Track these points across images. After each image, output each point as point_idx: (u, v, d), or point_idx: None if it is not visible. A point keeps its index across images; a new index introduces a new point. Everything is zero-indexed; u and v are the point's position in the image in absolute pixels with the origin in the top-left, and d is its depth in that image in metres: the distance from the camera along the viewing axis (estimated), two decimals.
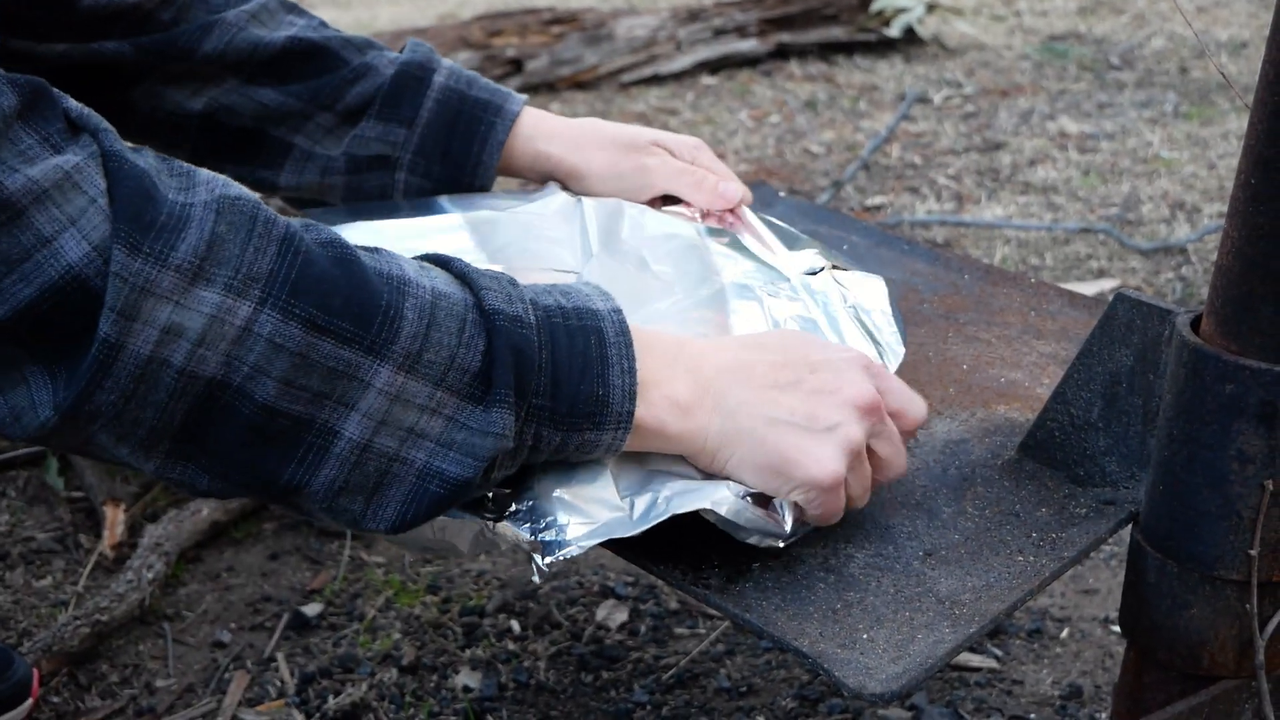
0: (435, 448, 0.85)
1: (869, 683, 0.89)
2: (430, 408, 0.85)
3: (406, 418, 0.84)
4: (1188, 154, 3.50)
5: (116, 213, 0.77)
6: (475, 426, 0.86)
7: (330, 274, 0.82)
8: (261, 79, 1.32)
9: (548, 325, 0.89)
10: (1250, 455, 0.94)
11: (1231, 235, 0.92)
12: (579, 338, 0.90)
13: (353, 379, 0.82)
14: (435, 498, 0.87)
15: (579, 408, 0.89)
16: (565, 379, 0.89)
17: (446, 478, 0.86)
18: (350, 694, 1.56)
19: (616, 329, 0.91)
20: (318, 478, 0.85)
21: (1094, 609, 1.71)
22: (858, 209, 3.18)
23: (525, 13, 4.59)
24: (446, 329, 0.85)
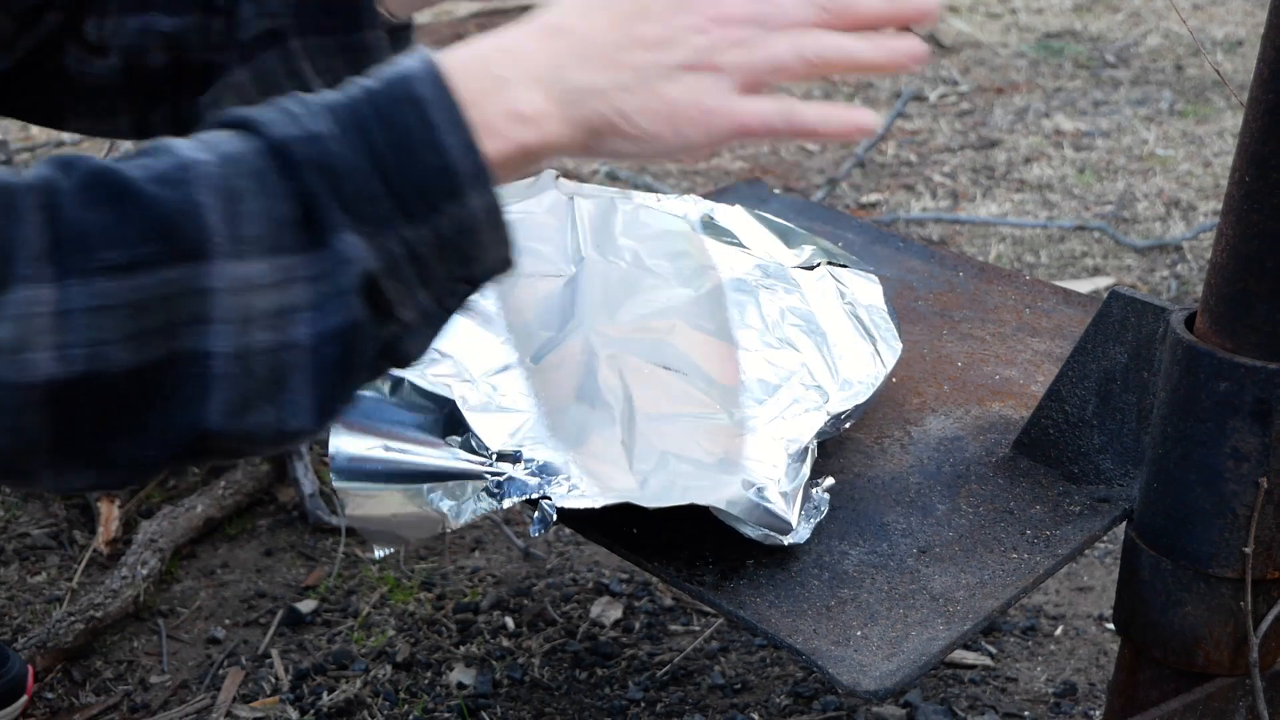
0: (312, 314, 0.77)
1: (863, 680, 0.89)
2: (282, 280, 0.76)
3: (266, 302, 0.76)
4: (1183, 152, 3.50)
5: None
6: (328, 269, 0.77)
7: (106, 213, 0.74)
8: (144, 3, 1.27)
9: (353, 123, 0.79)
10: (1245, 453, 0.94)
11: (1226, 233, 0.92)
12: (394, 116, 0.79)
13: (191, 293, 0.74)
14: (337, 363, 0.78)
15: (426, 187, 0.79)
16: (394, 168, 0.79)
17: (333, 333, 0.77)
18: (344, 690, 1.56)
19: (430, 82, 0.80)
20: (211, 408, 0.76)
21: (1088, 606, 1.71)
22: (853, 206, 3.18)
23: (521, 9, 4.59)
24: (250, 192, 0.76)
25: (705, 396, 1.04)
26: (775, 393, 1.06)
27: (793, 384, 1.07)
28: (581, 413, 1.02)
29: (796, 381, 1.07)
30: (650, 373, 1.04)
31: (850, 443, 1.13)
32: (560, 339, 1.05)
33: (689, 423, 1.02)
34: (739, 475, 0.99)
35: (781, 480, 1.00)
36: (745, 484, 0.98)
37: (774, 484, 0.99)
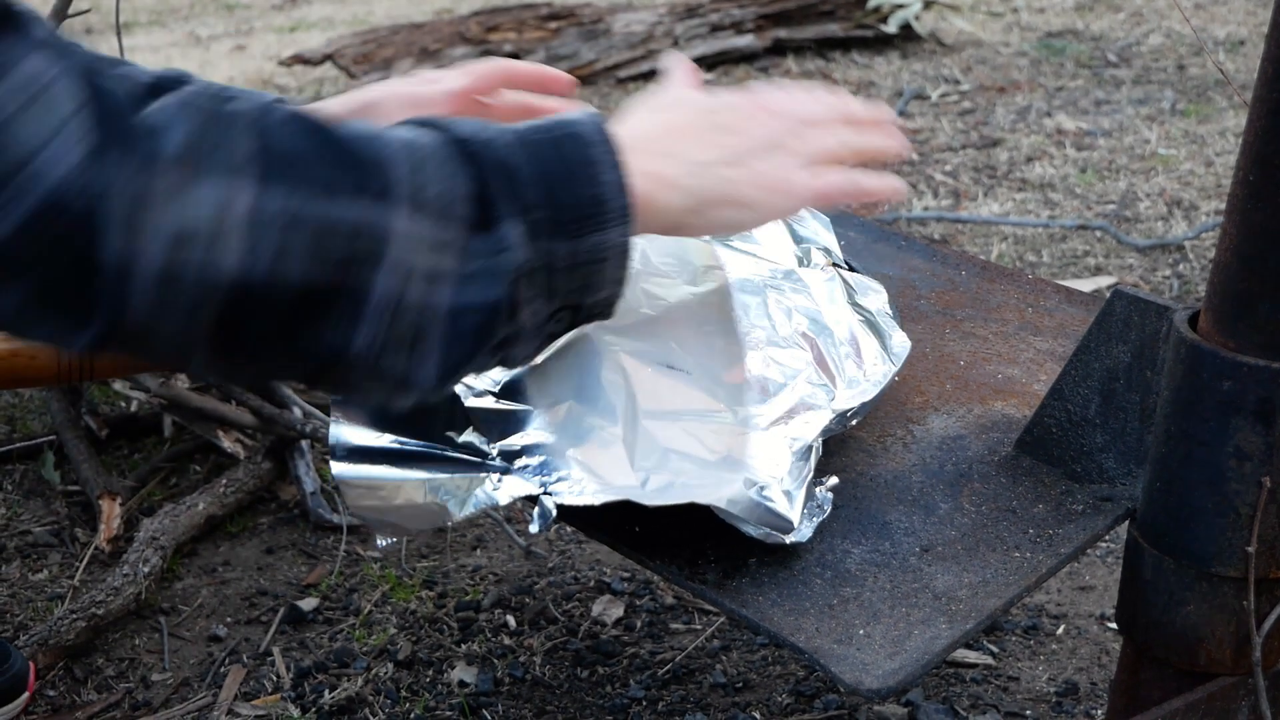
0: (457, 286, 0.83)
1: (865, 678, 0.89)
2: (444, 243, 0.83)
3: (427, 261, 0.82)
4: (1185, 151, 3.50)
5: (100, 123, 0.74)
6: (488, 251, 0.84)
7: (311, 143, 0.80)
8: None
9: (527, 139, 0.88)
10: (1248, 452, 0.94)
11: (1230, 232, 0.92)
12: (561, 146, 0.89)
13: (372, 233, 0.80)
14: (473, 332, 0.85)
15: (581, 210, 0.88)
16: (558, 185, 0.87)
17: (477, 306, 0.84)
18: (346, 688, 1.56)
19: (595, 130, 0.90)
20: (356, 339, 0.82)
21: (1090, 605, 1.71)
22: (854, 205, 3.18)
23: (522, 8, 4.58)
24: (431, 164, 0.83)
25: (709, 395, 1.04)
26: (781, 391, 1.06)
27: (799, 382, 1.07)
28: (583, 410, 1.02)
29: (803, 380, 1.07)
30: (653, 371, 1.04)
31: (852, 441, 1.13)
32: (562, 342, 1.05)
33: (692, 421, 1.02)
34: (741, 474, 0.98)
35: (785, 479, 1.00)
36: (747, 483, 0.98)
37: (776, 483, 0.99)
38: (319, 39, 5.02)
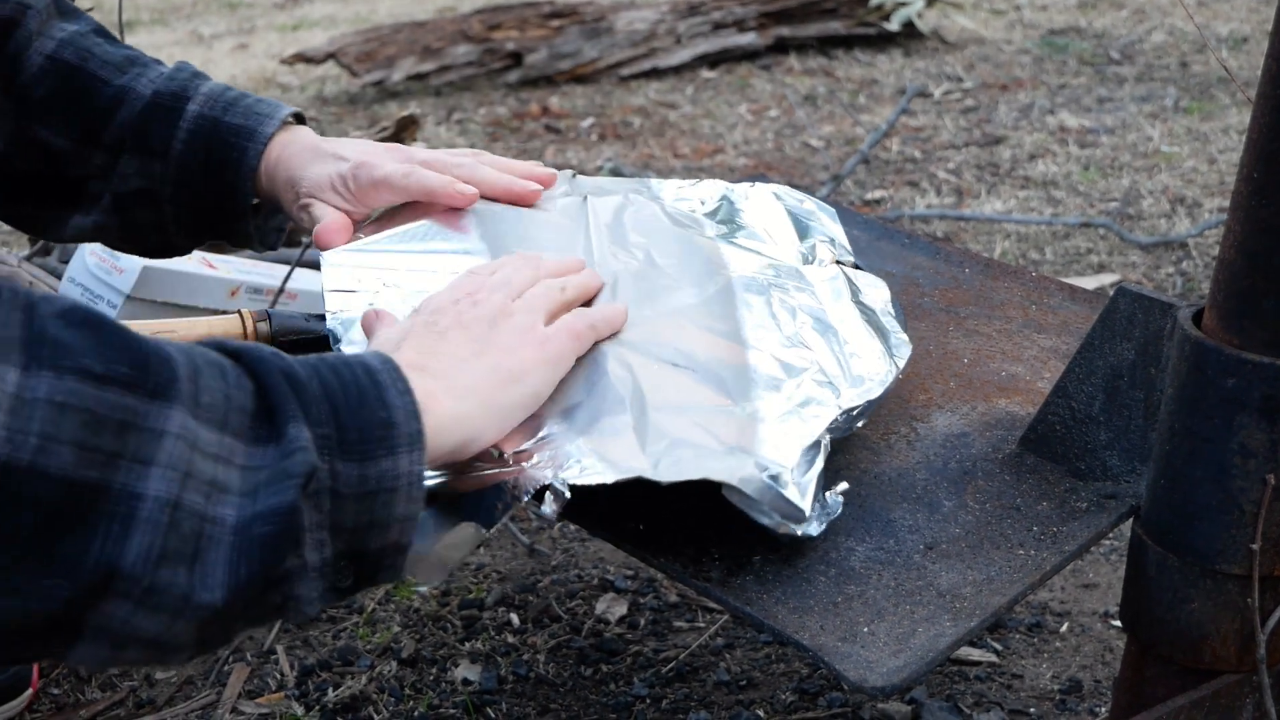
0: (241, 500, 0.77)
1: (869, 676, 0.89)
2: (224, 457, 0.77)
3: (206, 468, 0.76)
4: (1188, 148, 3.49)
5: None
6: (275, 457, 0.78)
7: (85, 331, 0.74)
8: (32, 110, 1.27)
9: (309, 364, 0.84)
10: (1252, 449, 0.94)
11: (1234, 229, 0.92)
12: (344, 371, 0.85)
13: (145, 429, 0.73)
14: (262, 541, 0.77)
15: (366, 433, 0.82)
16: (343, 406, 0.83)
17: (267, 513, 0.77)
18: (350, 686, 1.56)
19: (380, 358, 0.87)
20: (129, 549, 0.73)
21: (1094, 603, 1.71)
22: (857, 203, 3.18)
23: (525, 6, 4.58)
24: (210, 374, 0.78)
25: (715, 392, 1.04)
26: (786, 389, 1.06)
27: (805, 380, 1.07)
28: (592, 404, 1.02)
29: (809, 378, 1.07)
30: (659, 369, 1.04)
31: (857, 439, 1.13)
32: None
33: (700, 414, 1.01)
34: (753, 458, 0.98)
35: (795, 469, 0.99)
36: (759, 466, 0.97)
37: (788, 471, 0.98)
38: (321, 37, 5.03)
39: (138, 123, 1.26)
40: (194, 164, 1.27)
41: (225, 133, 1.26)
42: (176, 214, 1.29)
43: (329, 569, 0.82)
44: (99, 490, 0.72)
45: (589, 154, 3.64)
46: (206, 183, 1.27)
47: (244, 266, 2.08)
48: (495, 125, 4.01)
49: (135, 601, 0.74)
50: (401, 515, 0.84)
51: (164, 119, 1.26)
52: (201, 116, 1.27)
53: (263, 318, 1.14)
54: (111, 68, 1.28)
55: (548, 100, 4.19)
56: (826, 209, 1.30)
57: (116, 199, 1.29)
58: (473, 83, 4.39)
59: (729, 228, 1.25)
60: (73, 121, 1.27)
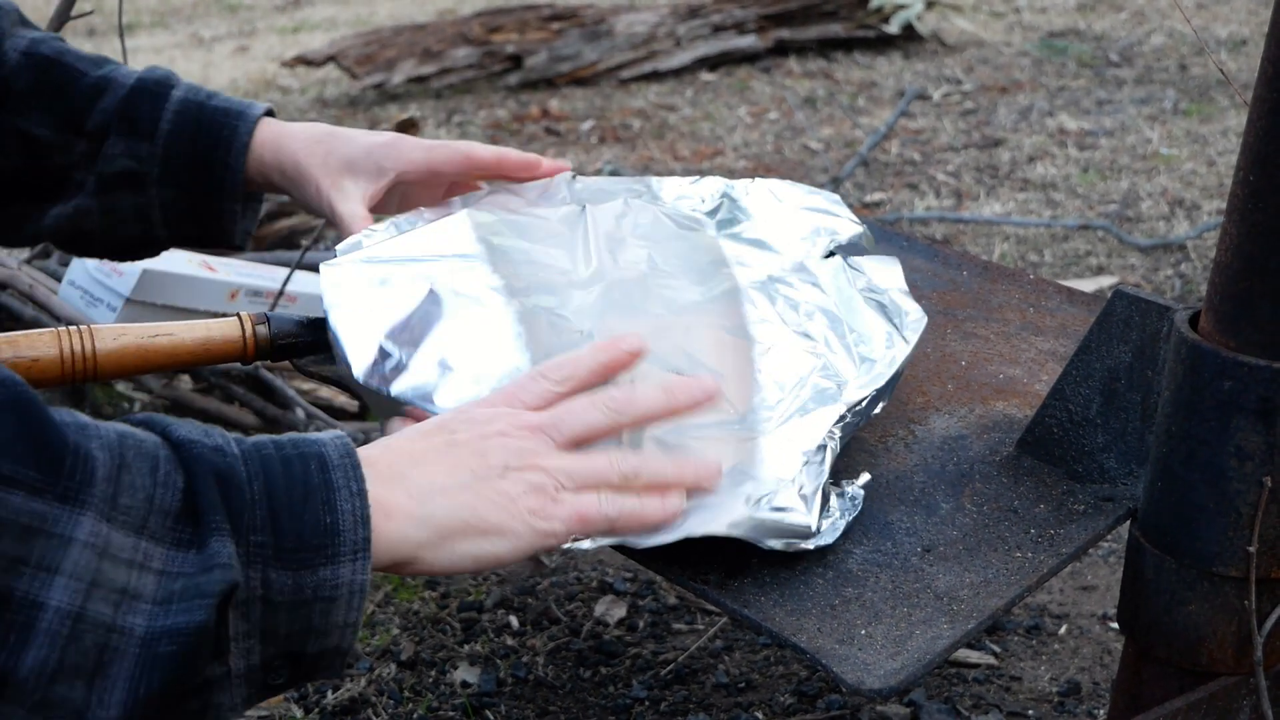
0: (153, 608, 0.73)
1: (867, 678, 0.89)
2: (138, 562, 0.73)
3: (117, 576, 0.72)
4: (1187, 151, 3.50)
5: None
6: (192, 570, 0.74)
7: (5, 418, 0.71)
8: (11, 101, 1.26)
9: (256, 456, 0.79)
10: (1249, 452, 0.94)
11: (1230, 232, 0.92)
12: (295, 465, 0.80)
13: (51, 535, 0.70)
14: (168, 659, 0.73)
15: (306, 540, 0.78)
16: (284, 509, 0.78)
17: (175, 632, 0.73)
18: (349, 689, 1.56)
19: (340, 451, 0.82)
20: (25, 661, 0.70)
21: (1092, 605, 1.71)
22: (857, 205, 3.18)
23: (525, 8, 4.59)
24: (138, 469, 0.75)
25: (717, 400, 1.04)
26: (792, 389, 1.06)
27: (811, 377, 1.07)
28: None
29: (815, 375, 1.07)
30: (661, 379, 1.04)
31: (854, 442, 1.13)
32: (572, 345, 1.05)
33: (700, 430, 1.01)
34: (744, 490, 0.98)
35: (798, 481, 1.00)
36: (750, 501, 0.97)
37: (788, 487, 0.99)
38: (322, 40, 5.03)
39: (123, 106, 1.26)
40: (182, 143, 1.26)
41: (213, 113, 1.27)
42: (162, 197, 1.28)
43: (256, 674, 0.79)
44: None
45: (589, 156, 3.64)
46: (195, 161, 1.26)
47: (243, 269, 2.08)
48: (495, 128, 4.01)
49: (28, 709, 0.71)
50: (341, 622, 0.80)
51: (150, 102, 1.26)
52: (186, 100, 1.27)
53: (262, 320, 1.14)
54: (88, 61, 1.29)
55: (548, 103, 4.19)
56: (830, 196, 1.30)
57: (101, 181, 1.27)
58: (473, 85, 4.39)
59: (730, 225, 1.25)
60: (54, 110, 1.26)
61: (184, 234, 1.32)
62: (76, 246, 1.34)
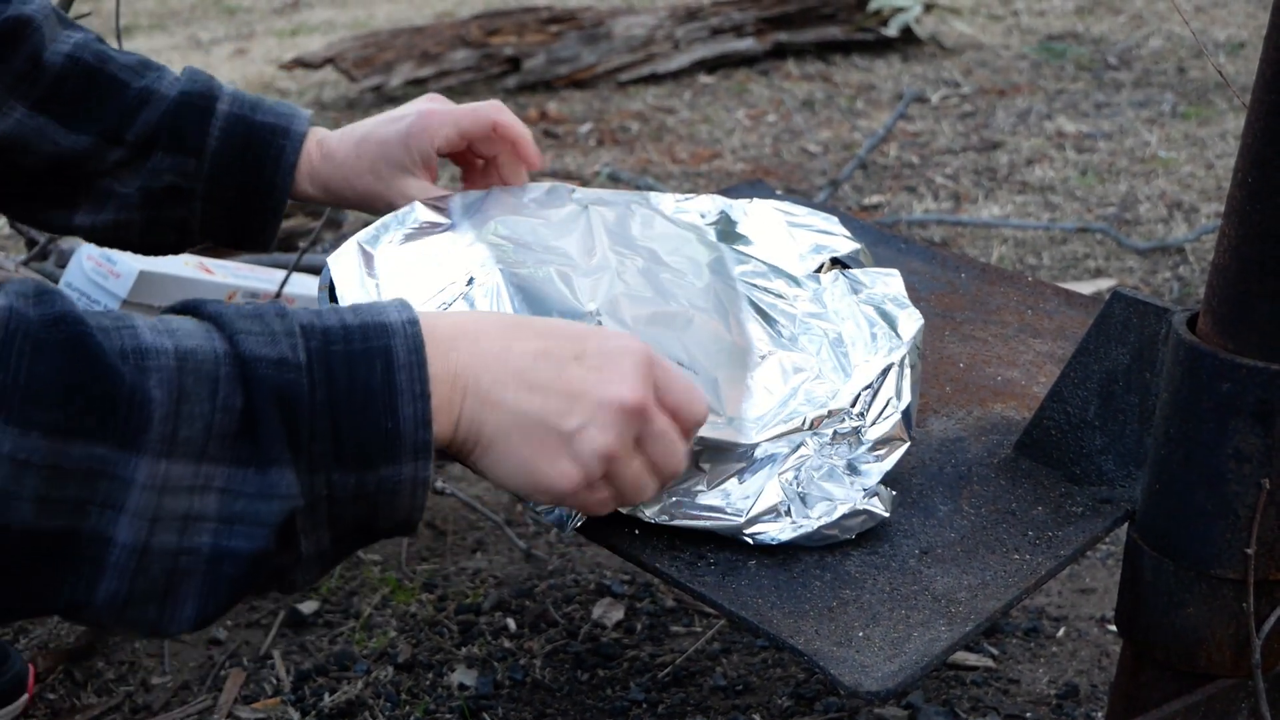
0: (218, 526, 0.77)
1: (865, 681, 0.89)
2: (199, 485, 0.76)
3: (179, 505, 0.76)
4: (1185, 154, 3.50)
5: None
6: (253, 492, 0.77)
7: (61, 365, 0.73)
8: (48, 108, 1.27)
9: (323, 357, 0.80)
10: (1247, 454, 0.94)
11: (1229, 234, 0.92)
12: (361, 365, 0.81)
13: (113, 478, 0.74)
14: (232, 581, 0.78)
15: (367, 444, 0.80)
16: (345, 416, 0.80)
17: (238, 555, 0.77)
18: (346, 692, 1.56)
19: (409, 345, 0.82)
20: (98, 592, 0.75)
21: (1090, 608, 1.71)
22: (855, 208, 3.18)
23: (523, 11, 4.59)
24: (197, 397, 0.76)
25: (710, 397, 1.04)
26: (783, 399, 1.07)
27: (805, 385, 1.08)
28: None
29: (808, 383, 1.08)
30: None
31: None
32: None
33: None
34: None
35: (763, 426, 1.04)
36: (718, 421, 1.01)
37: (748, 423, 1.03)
38: (320, 43, 5.03)
39: (170, 121, 1.27)
40: (230, 161, 1.28)
41: (260, 130, 1.28)
42: (206, 212, 1.30)
43: (328, 553, 0.83)
44: (67, 536, 0.73)
45: (587, 159, 3.64)
46: (242, 181, 1.29)
47: (240, 271, 2.08)
48: None
49: (110, 623, 0.77)
50: (408, 506, 0.83)
51: (196, 117, 1.28)
52: (232, 115, 1.29)
53: None
54: (130, 70, 1.30)
55: (546, 105, 4.19)
56: (827, 217, 1.30)
57: (146, 195, 1.29)
58: (471, 88, 4.39)
59: (729, 239, 1.25)
60: (95, 118, 1.28)
61: (218, 239, 1.35)
62: (106, 244, 1.36)
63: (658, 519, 1.02)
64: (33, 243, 2.16)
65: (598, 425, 0.87)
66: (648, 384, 0.90)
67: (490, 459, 0.88)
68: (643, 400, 0.89)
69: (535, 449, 0.87)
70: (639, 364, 0.89)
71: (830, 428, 1.06)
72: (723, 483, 1.03)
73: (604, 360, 0.89)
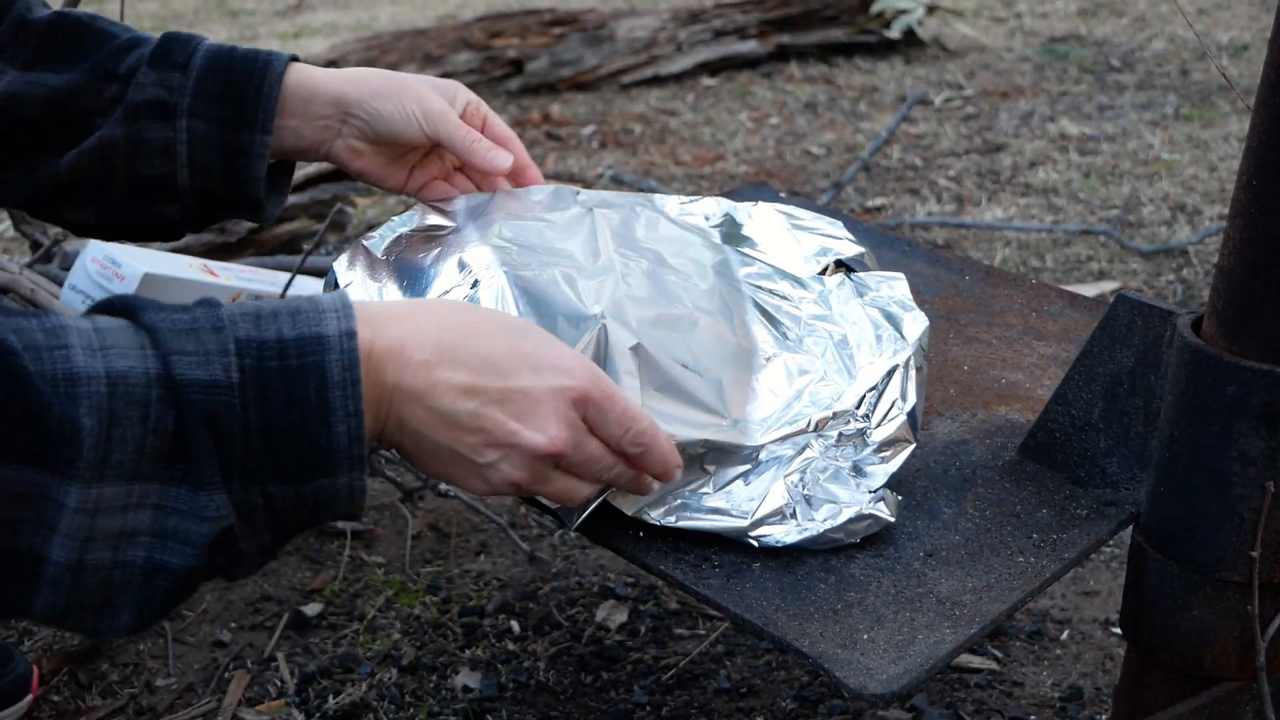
0: (152, 540, 0.79)
1: (869, 683, 0.89)
2: (134, 504, 0.78)
3: (112, 524, 0.78)
4: (1188, 156, 3.50)
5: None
6: (185, 509, 0.79)
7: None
8: (38, 64, 1.27)
9: (257, 375, 0.81)
10: (1251, 457, 0.94)
11: (1233, 237, 0.92)
12: (296, 382, 0.81)
13: (45, 499, 0.75)
14: (166, 594, 0.80)
15: (302, 460, 0.82)
16: (280, 434, 0.81)
17: (171, 570, 0.80)
18: (350, 694, 1.56)
19: (344, 362, 0.83)
20: (36, 604, 0.78)
21: (1094, 610, 1.71)
22: (858, 210, 3.18)
23: (526, 14, 4.59)
24: (129, 420, 0.77)
25: (713, 402, 1.05)
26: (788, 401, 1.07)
27: (809, 388, 1.08)
28: None
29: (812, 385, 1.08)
30: (668, 368, 1.04)
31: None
32: (578, 335, 1.05)
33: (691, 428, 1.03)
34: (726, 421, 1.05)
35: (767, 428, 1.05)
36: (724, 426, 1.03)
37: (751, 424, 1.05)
38: (323, 45, 5.03)
39: (156, 48, 1.27)
40: (215, 74, 1.26)
41: (243, 54, 1.27)
42: (191, 131, 1.26)
43: (270, 547, 0.86)
44: (4, 552, 0.76)
45: (590, 161, 3.64)
46: (227, 92, 1.26)
47: (244, 274, 2.08)
48: None
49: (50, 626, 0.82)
50: (346, 507, 0.86)
51: (183, 42, 1.28)
52: (216, 45, 1.28)
53: None
54: (117, 25, 1.31)
55: (549, 108, 4.19)
56: (832, 220, 1.30)
57: (130, 109, 1.26)
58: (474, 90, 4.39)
59: (734, 241, 1.25)
60: (86, 60, 1.27)
61: (204, 182, 1.28)
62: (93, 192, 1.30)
63: (663, 521, 1.02)
64: (36, 245, 2.16)
65: (509, 463, 0.92)
66: (571, 426, 0.93)
67: (413, 462, 0.94)
68: (559, 450, 0.92)
69: (450, 468, 0.93)
70: (563, 406, 0.92)
71: (835, 429, 1.06)
72: (728, 485, 1.03)
73: (528, 405, 0.91)
